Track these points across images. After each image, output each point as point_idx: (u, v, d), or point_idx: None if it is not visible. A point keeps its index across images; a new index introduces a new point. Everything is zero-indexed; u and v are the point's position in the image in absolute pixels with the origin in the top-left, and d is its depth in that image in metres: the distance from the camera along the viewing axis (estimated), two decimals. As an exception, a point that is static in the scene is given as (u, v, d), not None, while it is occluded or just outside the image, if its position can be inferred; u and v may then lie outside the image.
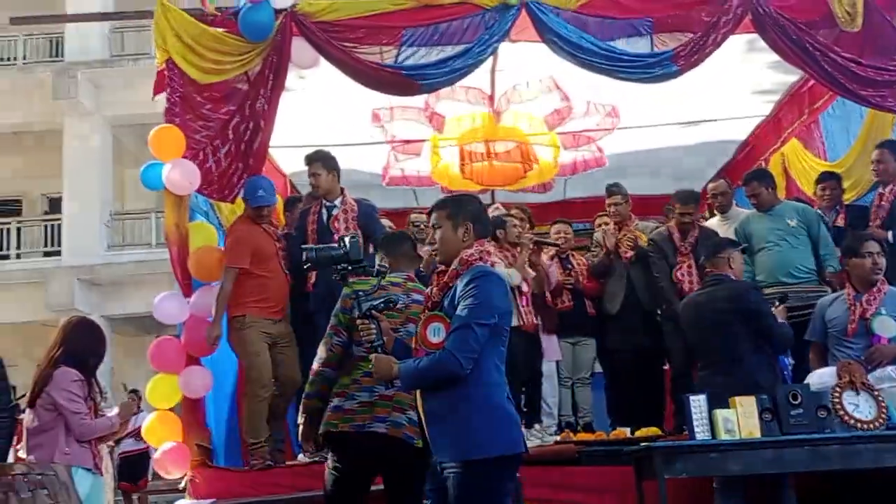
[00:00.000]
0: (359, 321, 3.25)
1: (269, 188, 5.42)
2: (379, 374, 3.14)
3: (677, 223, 6.12)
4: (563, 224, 6.71)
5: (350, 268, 3.45)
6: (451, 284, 3.15)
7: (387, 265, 3.64)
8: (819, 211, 5.93)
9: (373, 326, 3.21)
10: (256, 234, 5.31)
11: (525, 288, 5.86)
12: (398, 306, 3.53)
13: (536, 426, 5.69)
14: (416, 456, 3.48)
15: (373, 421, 3.54)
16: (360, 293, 3.29)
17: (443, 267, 3.26)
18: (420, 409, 3.17)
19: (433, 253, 5.94)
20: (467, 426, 2.99)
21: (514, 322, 5.74)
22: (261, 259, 5.24)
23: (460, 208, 3.27)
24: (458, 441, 2.99)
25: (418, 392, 3.16)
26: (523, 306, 5.79)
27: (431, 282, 3.41)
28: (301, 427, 3.79)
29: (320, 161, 5.65)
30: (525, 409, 5.80)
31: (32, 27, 15.15)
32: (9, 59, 15.87)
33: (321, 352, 3.77)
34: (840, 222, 5.97)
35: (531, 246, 5.94)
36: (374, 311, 3.23)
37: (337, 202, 5.60)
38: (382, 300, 3.27)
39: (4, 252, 15.92)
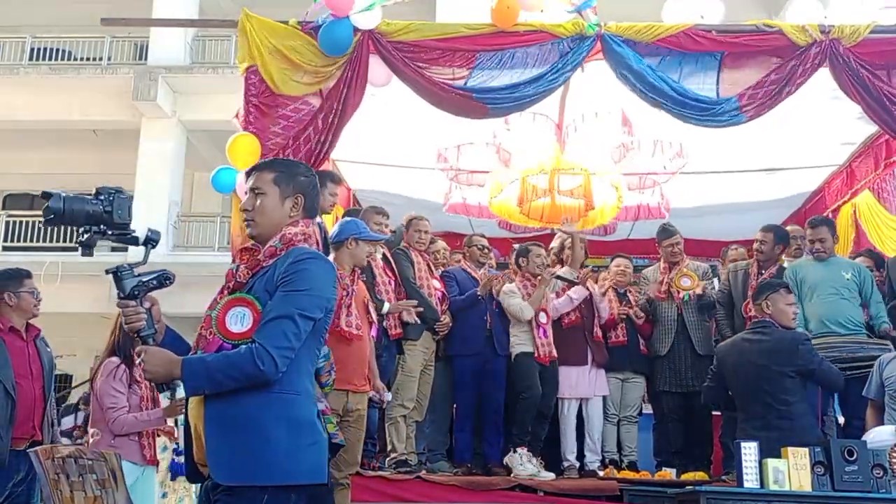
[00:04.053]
0: (120, 303, 2.50)
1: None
2: (152, 372, 2.41)
3: (755, 255, 6.04)
4: (624, 259, 6.67)
5: (109, 232, 2.54)
6: (264, 264, 2.53)
7: (157, 231, 2.71)
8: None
9: (141, 310, 2.48)
10: None
11: (544, 319, 5.83)
12: None
13: (535, 460, 5.59)
14: None
15: None
16: (124, 267, 2.52)
17: (251, 243, 2.62)
18: (193, 416, 2.47)
19: (488, 276, 5.96)
20: (265, 444, 2.35)
21: (528, 349, 5.78)
22: None
23: (292, 177, 2.64)
24: (248, 461, 2.34)
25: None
26: (540, 337, 5.78)
27: (234, 258, 2.82)
28: None
29: None
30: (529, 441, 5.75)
31: (119, 30, 15.69)
32: (95, 59, 16.44)
33: None
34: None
35: (550, 280, 5.90)
36: (144, 290, 2.50)
37: None
38: (155, 276, 2.53)
39: (74, 244, 16.40)
